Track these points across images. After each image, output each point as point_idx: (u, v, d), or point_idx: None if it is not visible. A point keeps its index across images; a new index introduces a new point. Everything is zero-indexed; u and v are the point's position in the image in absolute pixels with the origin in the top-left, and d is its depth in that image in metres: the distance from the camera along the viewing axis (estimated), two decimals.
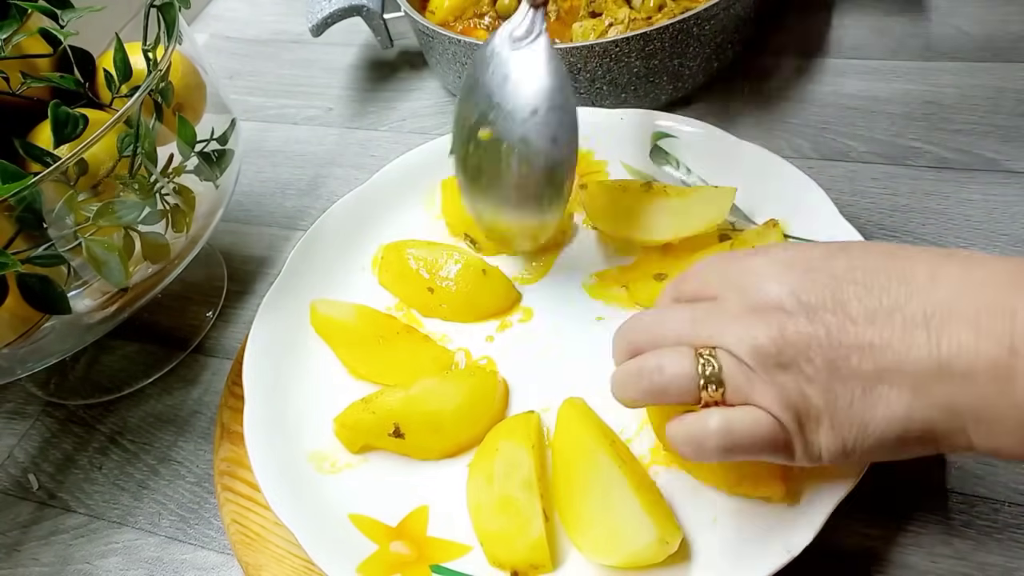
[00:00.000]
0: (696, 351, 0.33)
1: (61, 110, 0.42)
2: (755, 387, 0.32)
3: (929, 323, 0.30)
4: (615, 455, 0.40)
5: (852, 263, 0.32)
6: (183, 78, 0.50)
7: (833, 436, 0.31)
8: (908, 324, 0.30)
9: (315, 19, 0.70)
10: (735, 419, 0.32)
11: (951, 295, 0.30)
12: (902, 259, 0.32)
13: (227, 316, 0.59)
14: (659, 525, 0.37)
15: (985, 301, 0.29)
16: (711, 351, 0.33)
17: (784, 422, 0.32)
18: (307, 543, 0.40)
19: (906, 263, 0.31)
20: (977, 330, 0.29)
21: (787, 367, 0.31)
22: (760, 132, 0.61)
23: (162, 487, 0.50)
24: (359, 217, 0.56)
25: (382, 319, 0.51)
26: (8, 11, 0.45)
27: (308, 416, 0.47)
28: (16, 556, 0.49)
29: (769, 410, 0.32)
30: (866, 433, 0.31)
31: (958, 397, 0.29)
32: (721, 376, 0.33)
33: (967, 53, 0.63)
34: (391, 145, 0.69)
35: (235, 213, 0.66)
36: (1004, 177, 0.54)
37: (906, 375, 0.30)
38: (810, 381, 0.31)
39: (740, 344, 0.32)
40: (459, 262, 0.51)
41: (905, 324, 0.30)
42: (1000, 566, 0.39)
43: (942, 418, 0.30)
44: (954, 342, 0.29)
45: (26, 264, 0.41)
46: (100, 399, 0.55)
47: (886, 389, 0.30)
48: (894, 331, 0.30)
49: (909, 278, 0.31)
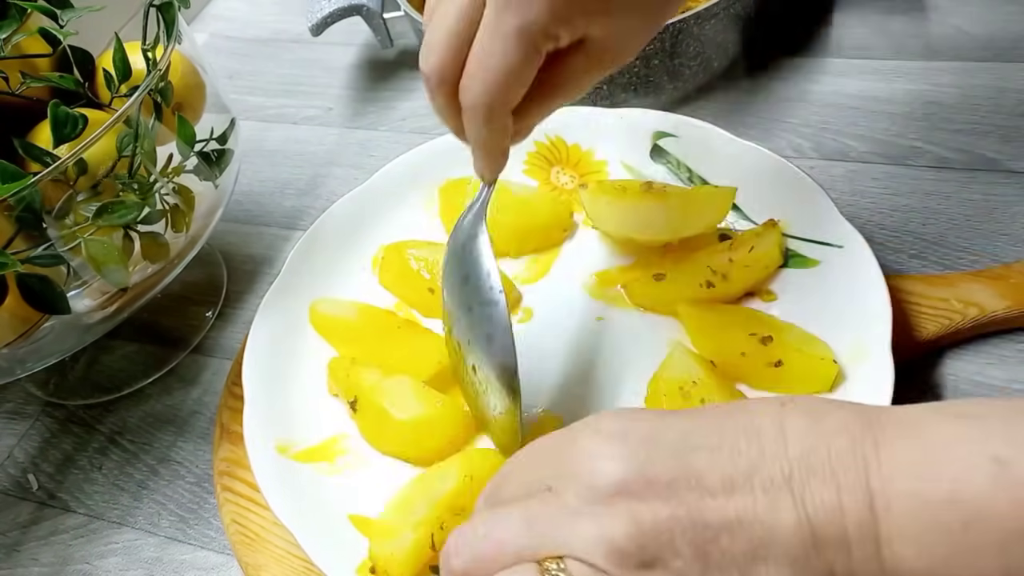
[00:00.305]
0: (541, 567, 0.27)
1: (60, 110, 0.42)
2: None
3: (790, 484, 0.26)
4: None
5: (692, 424, 0.29)
6: (183, 78, 0.50)
7: None
8: (769, 488, 0.26)
9: (315, 19, 0.70)
10: None
11: (804, 450, 0.27)
12: (742, 414, 0.28)
13: (227, 316, 0.59)
14: None
15: (839, 453, 0.26)
16: (558, 562, 0.27)
17: None
18: (307, 543, 0.40)
19: (748, 418, 0.28)
20: (837, 486, 0.26)
21: (652, 566, 0.26)
22: (760, 132, 0.61)
23: (162, 487, 0.50)
24: (359, 217, 0.56)
25: (382, 315, 0.51)
26: (8, 11, 0.45)
27: (308, 416, 0.47)
28: (16, 556, 0.48)
29: None
30: None
31: (837, 566, 0.26)
32: None
33: (968, 53, 0.63)
34: (391, 145, 0.69)
35: (235, 213, 0.66)
36: (1005, 177, 0.54)
37: (781, 548, 0.26)
38: None
39: (592, 548, 0.27)
40: None
41: (766, 489, 0.26)
42: None
43: None
44: (818, 502, 0.26)
45: (26, 264, 0.41)
46: (100, 399, 0.55)
47: (763, 569, 0.26)
48: (756, 499, 0.26)
49: (758, 434, 0.27)
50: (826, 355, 0.42)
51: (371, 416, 0.45)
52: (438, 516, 0.39)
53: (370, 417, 0.45)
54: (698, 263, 0.47)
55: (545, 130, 0.57)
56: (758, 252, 0.47)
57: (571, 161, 0.57)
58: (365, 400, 0.45)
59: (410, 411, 0.44)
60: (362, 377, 0.46)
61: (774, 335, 0.43)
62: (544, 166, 0.57)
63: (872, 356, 0.40)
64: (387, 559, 0.39)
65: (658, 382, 0.43)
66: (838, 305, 0.44)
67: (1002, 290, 0.46)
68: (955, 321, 0.45)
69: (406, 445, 0.44)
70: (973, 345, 0.46)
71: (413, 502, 0.41)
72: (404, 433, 0.44)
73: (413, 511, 0.40)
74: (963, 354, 0.46)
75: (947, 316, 0.45)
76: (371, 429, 0.45)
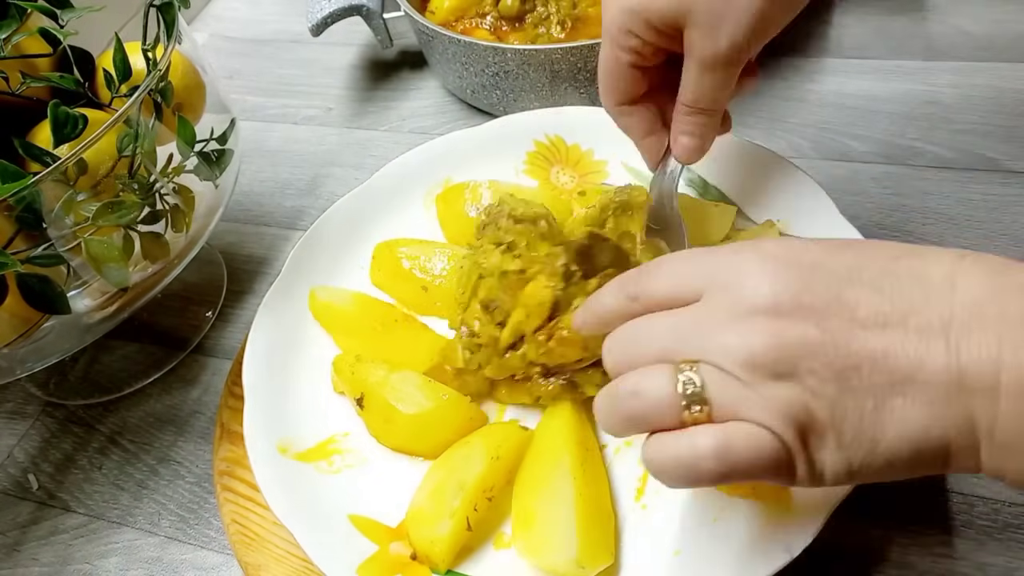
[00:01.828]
0: (675, 367, 0.29)
1: (61, 110, 0.42)
2: (748, 402, 0.28)
3: (948, 330, 0.26)
4: (578, 467, 0.40)
5: (859, 261, 0.29)
6: (183, 78, 0.50)
7: (840, 455, 0.28)
8: (924, 331, 0.27)
9: (315, 19, 0.70)
10: (732, 438, 0.28)
11: (972, 300, 0.27)
12: (915, 258, 0.29)
13: (226, 316, 0.59)
14: (583, 547, 0.37)
15: (1010, 309, 0.26)
16: (692, 365, 0.29)
17: (786, 440, 0.28)
18: (307, 543, 0.40)
19: (919, 262, 0.28)
20: (1000, 340, 0.26)
21: (787, 378, 0.27)
22: (760, 132, 0.61)
23: (162, 487, 0.50)
24: (359, 217, 0.56)
25: (380, 308, 0.51)
26: (8, 11, 0.45)
27: (308, 416, 0.47)
28: (16, 556, 0.48)
29: (768, 426, 0.28)
30: (876, 452, 0.27)
31: (977, 413, 0.26)
32: (704, 394, 0.28)
33: (967, 53, 0.63)
34: (391, 145, 0.69)
35: (235, 213, 0.66)
36: (1004, 177, 0.54)
37: (922, 387, 0.27)
38: (815, 394, 0.27)
39: (729, 354, 0.28)
40: (451, 259, 0.51)
41: (920, 331, 0.27)
42: (1000, 566, 0.39)
43: (958, 436, 0.27)
44: (975, 352, 0.26)
45: (26, 264, 0.41)
46: (100, 399, 0.55)
47: (900, 402, 0.27)
48: (908, 338, 0.27)
49: (923, 280, 0.28)
50: None
51: (378, 412, 0.45)
52: (472, 500, 0.40)
53: (377, 413, 0.45)
54: None
55: (545, 130, 0.57)
56: None
57: (571, 161, 0.57)
58: (372, 396, 0.45)
59: (417, 405, 0.44)
60: (368, 373, 0.46)
61: None
62: (544, 166, 0.57)
63: None
64: (428, 546, 0.40)
65: None
66: None
67: None
68: None
69: (414, 439, 0.45)
70: None
71: (445, 489, 0.41)
72: (412, 427, 0.44)
73: (447, 498, 0.40)
74: None
75: None
76: (378, 425, 0.46)
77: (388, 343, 0.49)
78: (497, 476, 0.42)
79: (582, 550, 0.37)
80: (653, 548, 0.39)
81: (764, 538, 0.37)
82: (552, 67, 0.61)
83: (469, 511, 0.40)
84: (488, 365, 0.44)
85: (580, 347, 0.42)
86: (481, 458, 0.42)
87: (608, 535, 0.40)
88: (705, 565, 0.38)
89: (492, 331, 0.44)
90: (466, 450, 0.43)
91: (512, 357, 0.43)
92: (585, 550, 0.37)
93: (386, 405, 0.45)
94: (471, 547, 0.41)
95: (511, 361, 0.44)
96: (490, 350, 0.44)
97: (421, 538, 0.40)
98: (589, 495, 0.40)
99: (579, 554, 0.37)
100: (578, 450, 0.41)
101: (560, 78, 0.61)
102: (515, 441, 0.43)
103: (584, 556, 0.37)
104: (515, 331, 0.43)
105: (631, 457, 0.43)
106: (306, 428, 0.47)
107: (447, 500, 0.40)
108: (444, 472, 0.42)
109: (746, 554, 0.37)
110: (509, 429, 0.44)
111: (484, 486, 0.41)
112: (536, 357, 0.43)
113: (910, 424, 0.27)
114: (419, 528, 0.41)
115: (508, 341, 0.43)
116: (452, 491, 0.41)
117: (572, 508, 0.39)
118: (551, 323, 0.42)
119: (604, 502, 0.41)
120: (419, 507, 0.42)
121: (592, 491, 0.40)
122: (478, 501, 0.41)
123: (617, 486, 0.42)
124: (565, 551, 0.37)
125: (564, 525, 0.38)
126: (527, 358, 0.43)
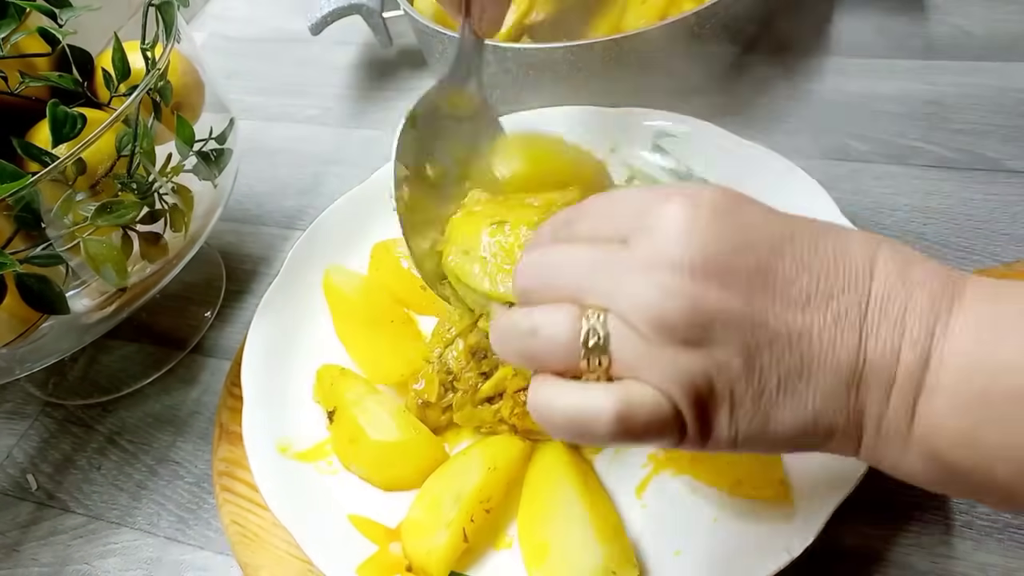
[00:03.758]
0: (582, 313, 0.27)
1: (59, 109, 0.42)
2: (651, 363, 0.27)
3: (862, 322, 0.26)
4: (581, 487, 0.40)
5: (791, 230, 0.27)
6: (182, 77, 0.50)
7: (729, 425, 0.27)
8: (841, 317, 0.26)
9: (314, 18, 0.70)
10: (633, 402, 0.27)
11: (885, 293, 0.26)
12: (839, 239, 0.28)
13: (226, 316, 0.59)
14: (609, 555, 0.37)
15: (916, 304, 0.26)
16: (600, 314, 0.27)
17: (682, 408, 0.27)
18: (306, 544, 0.40)
19: (843, 244, 0.27)
20: (902, 335, 0.26)
21: (695, 346, 0.26)
22: (760, 132, 0.61)
23: (161, 487, 0.50)
24: (358, 217, 0.56)
25: (384, 304, 0.51)
26: (6, 10, 0.45)
27: (307, 415, 0.47)
28: (15, 556, 0.48)
29: (668, 393, 0.27)
30: (765, 429, 0.27)
31: (870, 406, 0.26)
32: (608, 347, 0.27)
33: (968, 52, 0.63)
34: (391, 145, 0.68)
35: (234, 213, 0.65)
36: (1005, 177, 0.54)
37: (827, 375, 0.26)
38: (720, 368, 0.26)
39: (639, 309, 0.26)
40: None
41: (837, 317, 0.26)
42: (1000, 566, 0.39)
43: (846, 425, 0.27)
44: (880, 347, 0.26)
45: (24, 264, 0.41)
46: (99, 399, 0.55)
47: (802, 387, 0.26)
48: (825, 323, 0.26)
49: (847, 263, 0.27)
50: None
51: (346, 430, 0.45)
52: (468, 511, 0.40)
53: (344, 431, 0.45)
54: None
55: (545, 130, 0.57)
56: None
57: None
58: (343, 413, 0.45)
59: (385, 433, 0.44)
60: (346, 389, 0.46)
61: None
62: None
63: None
64: (424, 558, 0.39)
65: None
66: None
67: None
68: None
69: (373, 466, 0.44)
70: None
71: (441, 500, 0.41)
72: (375, 454, 0.44)
73: (443, 509, 0.40)
74: None
75: None
76: (343, 445, 0.45)
77: (373, 341, 0.49)
78: (494, 487, 0.41)
79: (608, 556, 0.37)
80: (653, 548, 0.39)
81: (764, 538, 0.37)
82: (552, 67, 0.60)
83: (465, 522, 0.40)
84: (459, 411, 0.43)
85: None
86: (478, 469, 0.41)
87: (628, 548, 0.39)
88: (705, 565, 0.38)
89: (474, 378, 0.43)
90: (463, 461, 0.42)
91: (485, 410, 0.43)
92: (611, 556, 0.37)
93: (355, 425, 0.44)
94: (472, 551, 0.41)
95: (483, 413, 0.43)
96: (466, 397, 0.43)
97: (417, 549, 0.40)
98: (599, 512, 0.39)
99: (605, 560, 0.37)
100: (576, 472, 0.41)
101: (560, 78, 0.61)
102: (513, 452, 0.42)
103: (612, 561, 0.37)
104: (497, 386, 0.42)
105: (629, 458, 0.43)
106: (305, 428, 0.47)
107: (443, 511, 0.40)
108: (441, 483, 0.42)
109: (746, 554, 0.37)
110: (507, 441, 0.43)
111: (481, 497, 0.40)
112: (508, 417, 0.42)
113: (805, 408, 0.27)
114: (415, 539, 0.40)
115: (487, 394, 0.43)
116: (448, 502, 0.40)
117: (588, 524, 0.38)
118: None
119: (614, 517, 0.40)
120: (414, 518, 0.41)
121: (601, 509, 0.40)
122: (475, 512, 0.40)
123: (616, 487, 0.42)
124: (591, 559, 0.37)
125: (583, 539, 0.38)
126: (500, 415, 0.43)
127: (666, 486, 0.41)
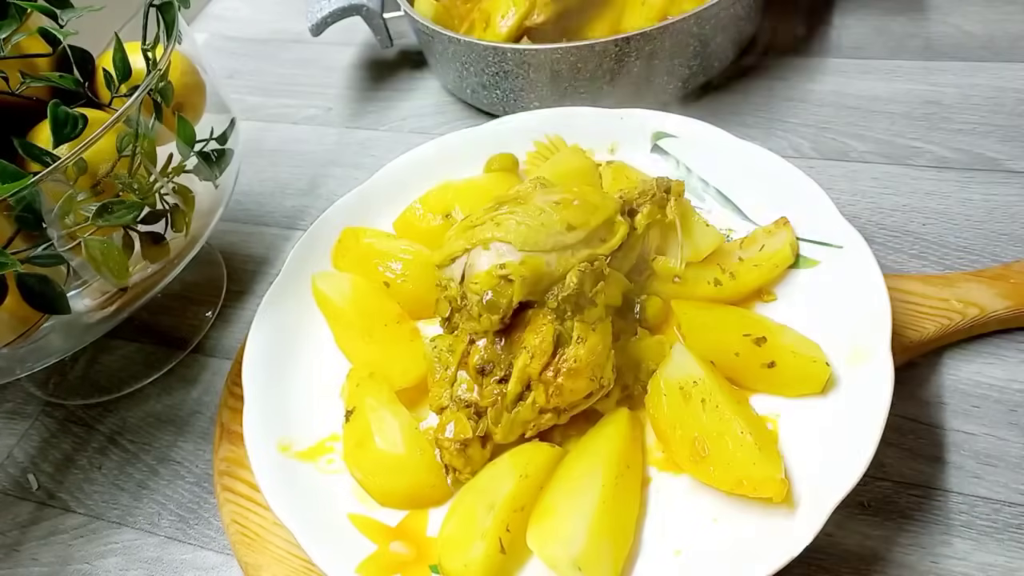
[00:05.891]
0: None
1: (60, 110, 0.42)
2: None
3: None
4: (610, 478, 0.39)
5: None
6: (182, 77, 0.50)
7: None
8: None
9: (315, 18, 0.70)
10: None
11: None
12: None
13: (226, 316, 0.59)
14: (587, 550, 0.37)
15: None
16: None
17: None
18: (307, 543, 0.40)
19: None
20: None
21: None
22: (760, 132, 0.61)
23: (162, 487, 0.50)
24: (359, 217, 0.56)
25: (374, 307, 0.50)
26: (7, 10, 0.45)
27: (307, 416, 0.47)
28: (16, 556, 0.48)
29: None
30: None
31: None
32: None
33: (967, 52, 0.63)
34: (391, 145, 0.69)
35: (234, 213, 0.66)
36: (1005, 177, 0.54)
37: None
38: None
39: None
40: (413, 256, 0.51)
41: None
42: (1000, 566, 0.39)
43: None
44: None
45: (25, 264, 0.41)
46: (99, 399, 0.55)
47: None
48: None
49: None
50: (819, 357, 0.42)
51: (356, 433, 0.44)
52: (503, 520, 0.39)
53: (355, 433, 0.44)
54: (709, 261, 0.47)
55: (545, 130, 0.57)
56: (768, 251, 0.47)
57: None
58: (359, 416, 0.45)
59: (391, 445, 0.43)
60: (368, 394, 0.45)
61: (768, 336, 0.43)
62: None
63: (872, 356, 0.40)
64: (462, 570, 0.38)
65: (658, 381, 0.43)
66: (838, 305, 0.44)
67: (1002, 290, 0.46)
68: (955, 321, 0.45)
69: (371, 474, 0.43)
70: (973, 345, 0.46)
71: (474, 511, 0.40)
72: (375, 462, 0.43)
73: (477, 520, 0.39)
74: (963, 354, 0.46)
75: (947, 316, 0.45)
76: (350, 445, 0.45)
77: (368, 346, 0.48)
78: (528, 494, 0.40)
79: (584, 553, 0.37)
80: (653, 548, 0.39)
81: (764, 538, 0.37)
82: (552, 67, 0.61)
83: (501, 531, 0.39)
84: (498, 425, 0.43)
85: (588, 377, 0.41)
86: (510, 476, 0.41)
87: (616, 557, 0.38)
88: (705, 565, 0.38)
89: (494, 388, 0.43)
90: (493, 471, 0.42)
91: (522, 408, 0.42)
92: (588, 555, 0.37)
93: (366, 430, 0.44)
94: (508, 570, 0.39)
95: (522, 413, 0.42)
96: (498, 408, 0.43)
97: (453, 565, 0.38)
98: (612, 508, 0.39)
99: (580, 556, 0.36)
100: (617, 464, 0.40)
101: (560, 78, 0.61)
102: (544, 458, 0.42)
103: (584, 559, 0.36)
104: (522, 376, 0.42)
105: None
106: (306, 427, 0.47)
107: (477, 522, 0.39)
108: (472, 495, 0.41)
109: (746, 554, 0.37)
110: (537, 447, 0.43)
111: (515, 505, 0.40)
112: (546, 402, 0.42)
113: None
114: (451, 554, 0.39)
115: (517, 390, 0.42)
116: (482, 512, 0.40)
117: (591, 511, 0.38)
118: (556, 359, 0.42)
119: (625, 524, 0.40)
120: (448, 534, 0.40)
121: (616, 507, 0.39)
122: (510, 521, 0.39)
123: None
124: (568, 547, 0.37)
125: (577, 522, 0.38)
126: (537, 404, 0.42)
127: (666, 486, 0.41)
